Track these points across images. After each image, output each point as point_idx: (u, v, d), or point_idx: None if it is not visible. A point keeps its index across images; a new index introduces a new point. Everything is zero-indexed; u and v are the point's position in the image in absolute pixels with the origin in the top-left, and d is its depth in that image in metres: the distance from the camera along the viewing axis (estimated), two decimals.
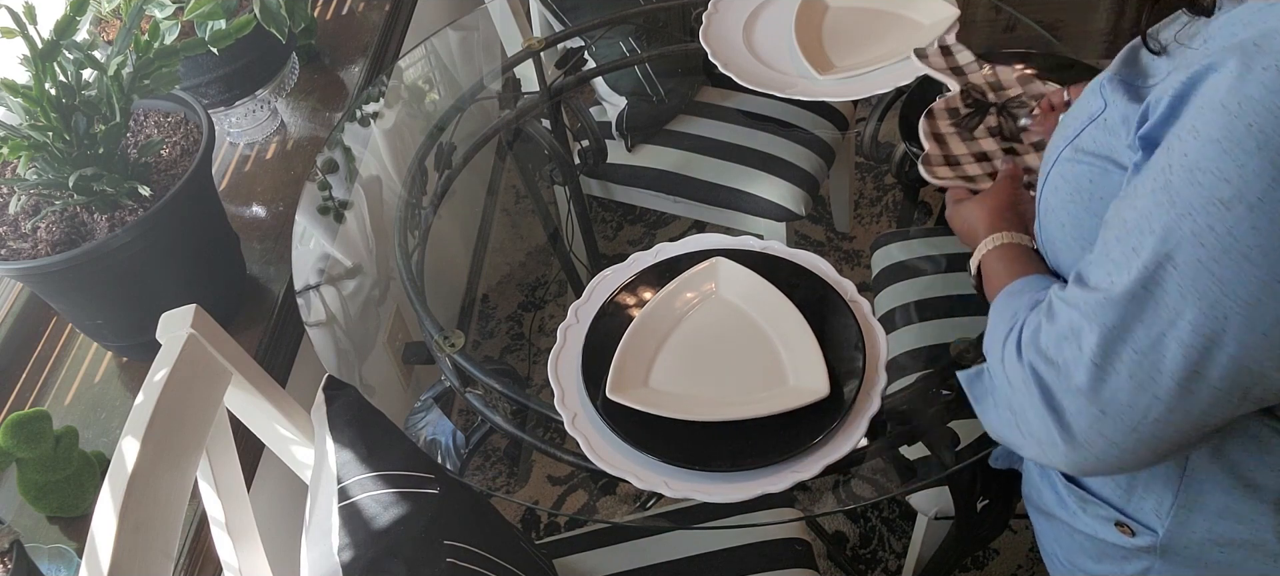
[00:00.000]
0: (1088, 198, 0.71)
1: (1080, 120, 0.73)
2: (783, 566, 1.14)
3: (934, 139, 1.01)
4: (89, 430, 1.08)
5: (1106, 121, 0.69)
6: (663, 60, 1.69)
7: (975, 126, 1.02)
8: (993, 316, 0.78)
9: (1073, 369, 0.65)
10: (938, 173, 0.97)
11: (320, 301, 1.22)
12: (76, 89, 0.97)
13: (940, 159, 0.99)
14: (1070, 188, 0.73)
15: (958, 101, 1.04)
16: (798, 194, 1.62)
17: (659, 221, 2.27)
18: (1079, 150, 0.72)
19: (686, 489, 0.86)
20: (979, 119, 1.02)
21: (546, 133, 1.54)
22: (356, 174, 1.40)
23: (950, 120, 1.03)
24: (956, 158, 0.99)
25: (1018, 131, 1.01)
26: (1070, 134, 0.74)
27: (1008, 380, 0.71)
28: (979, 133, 1.02)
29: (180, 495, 0.80)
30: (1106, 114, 0.70)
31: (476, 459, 1.83)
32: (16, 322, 1.18)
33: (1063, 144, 0.74)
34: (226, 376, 0.87)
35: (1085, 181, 0.71)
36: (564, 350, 0.98)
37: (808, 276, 1.02)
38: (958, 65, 1.10)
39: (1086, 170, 0.71)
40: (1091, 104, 0.72)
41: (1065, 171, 0.74)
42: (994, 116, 1.03)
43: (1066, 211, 0.74)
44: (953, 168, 0.98)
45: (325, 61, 1.59)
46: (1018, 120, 1.02)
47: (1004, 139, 1.01)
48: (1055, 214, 0.76)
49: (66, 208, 1.02)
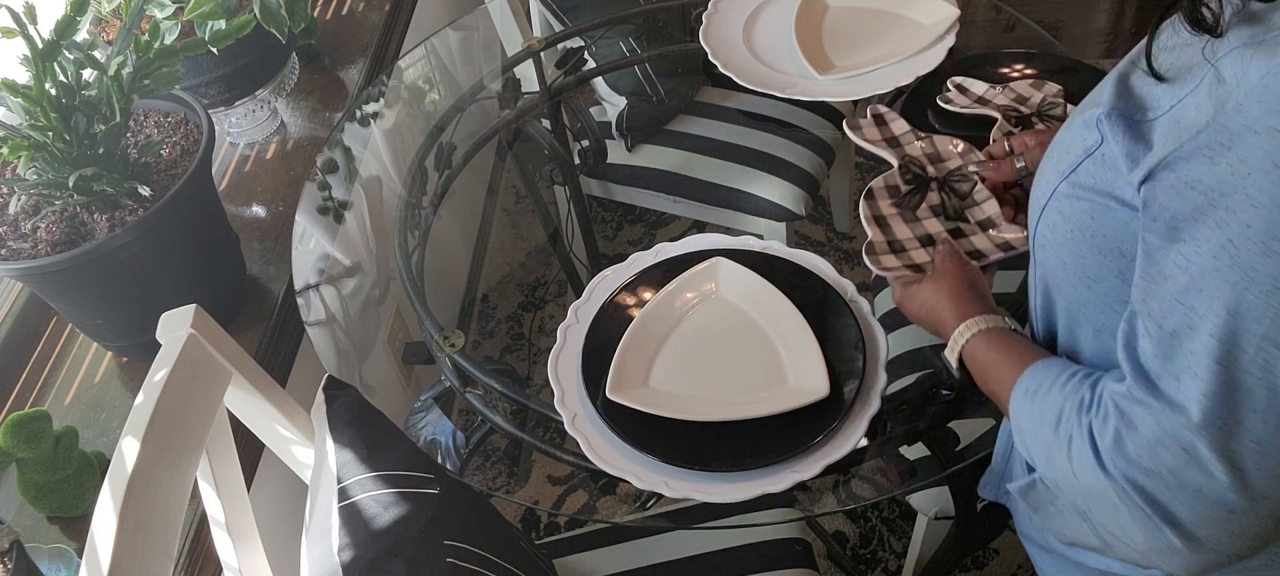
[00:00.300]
0: (1089, 234, 0.69)
1: (1074, 154, 0.70)
2: (783, 566, 1.14)
3: (876, 223, 0.96)
4: (89, 430, 1.08)
5: (1104, 156, 0.67)
6: (663, 60, 1.69)
7: (917, 205, 0.97)
8: (1023, 422, 0.73)
9: (1183, 473, 0.61)
10: (883, 262, 0.91)
11: (320, 301, 1.22)
12: (76, 89, 0.97)
13: (885, 246, 0.93)
14: (1070, 225, 0.71)
15: (897, 178, 0.99)
16: (798, 194, 1.62)
17: (659, 221, 2.27)
18: (1077, 186, 0.70)
19: (686, 489, 0.86)
20: (920, 197, 0.97)
21: (546, 133, 1.54)
22: (356, 174, 1.40)
23: (891, 199, 0.98)
24: (901, 243, 0.94)
25: (961, 209, 0.96)
26: (1064, 168, 0.71)
27: (1088, 494, 0.66)
28: (922, 213, 0.97)
29: (180, 495, 0.80)
30: (1104, 148, 0.67)
31: (476, 459, 1.83)
32: (16, 322, 1.18)
33: (1057, 178, 0.72)
34: (226, 376, 0.87)
35: (1086, 218, 0.69)
36: (564, 350, 0.98)
37: (808, 276, 1.02)
38: (893, 135, 1.04)
39: (1087, 206, 0.69)
40: (1086, 137, 0.69)
41: (1063, 207, 0.71)
42: (935, 193, 0.98)
43: (1067, 249, 0.72)
44: (898, 255, 0.93)
45: (325, 61, 1.59)
46: (961, 195, 0.96)
47: (948, 218, 0.95)
48: (1054, 250, 0.74)
49: (66, 208, 1.02)
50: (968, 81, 1.26)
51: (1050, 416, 0.70)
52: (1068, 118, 0.76)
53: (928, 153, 1.01)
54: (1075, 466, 0.66)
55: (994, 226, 0.94)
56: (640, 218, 2.28)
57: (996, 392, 0.78)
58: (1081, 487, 0.66)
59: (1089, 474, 0.65)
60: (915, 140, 1.02)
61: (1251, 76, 0.56)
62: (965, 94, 1.25)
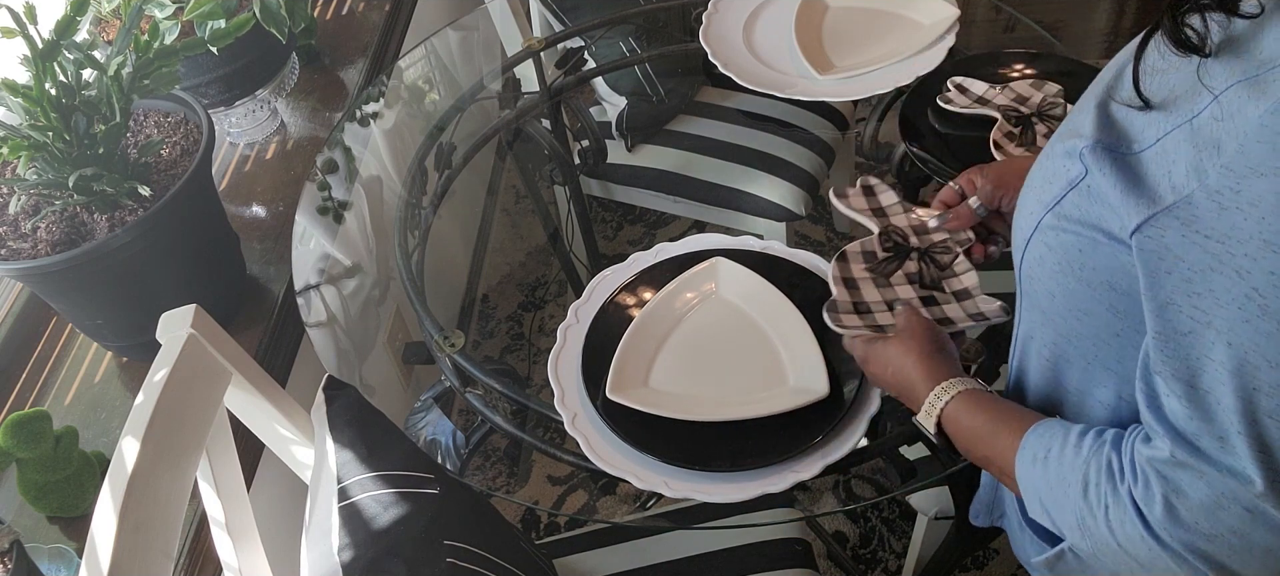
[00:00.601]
0: (1078, 267, 0.68)
1: (1057, 185, 0.68)
2: (783, 566, 1.14)
3: (844, 284, 0.92)
4: (89, 430, 1.08)
5: (1090, 189, 0.65)
6: (663, 60, 1.69)
7: (892, 271, 0.94)
8: (1039, 491, 0.71)
9: (1250, 533, 0.59)
10: (843, 321, 0.88)
11: (320, 301, 1.22)
12: (76, 89, 0.97)
13: (849, 305, 0.90)
14: (1057, 257, 0.69)
15: (875, 244, 0.96)
16: (798, 194, 1.62)
17: (659, 221, 2.27)
18: (1062, 218, 0.68)
19: (686, 489, 0.86)
20: (897, 264, 0.95)
21: (546, 133, 1.54)
22: (356, 174, 1.40)
23: (865, 264, 0.95)
24: (867, 304, 0.91)
25: (939, 279, 0.93)
26: (1048, 199, 0.69)
27: (1138, 563, 0.64)
28: (895, 279, 0.94)
29: (180, 495, 0.80)
30: (1089, 181, 0.65)
31: (476, 459, 1.83)
32: (16, 322, 1.18)
33: (1040, 210, 0.70)
34: (226, 376, 0.87)
35: (1074, 251, 0.68)
36: (564, 350, 0.98)
37: (808, 276, 1.02)
38: (880, 206, 1.02)
39: (1074, 239, 0.67)
40: (1069, 168, 0.67)
41: (1049, 240, 0.70)
42: (914, 262, 0.95)
43: (1055, 282, 0.71)
44: (861, 316, 0.90)
45: (325, 61, 1.59)
46: (941, 266, 0.94)
47: (923, 287, 0.93)
48: (1042, 284, 0.72)
49: (66, 208, 1.02)
50: (968, 81, 1.26)
51: (1074, 485, 0.67)
52: (1046, 145, 0.74)
53: (913, 225, 0.99)
54: (1119, 537, 0.64)
55: (970, 297, 0.92)
56: (640, 218, 2.28)
57: (989, 458, 0.75)
58: (1130, 557, 0.64)
59: (1139, 545, 0.63)
60: (902, 212, 1.00)
61: (1249, 116, 0.55)
62: (965, 94, 1.25)
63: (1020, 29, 1.55)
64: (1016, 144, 1.16)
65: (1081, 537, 0.67)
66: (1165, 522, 0.61)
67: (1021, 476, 0.72)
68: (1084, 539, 0.67)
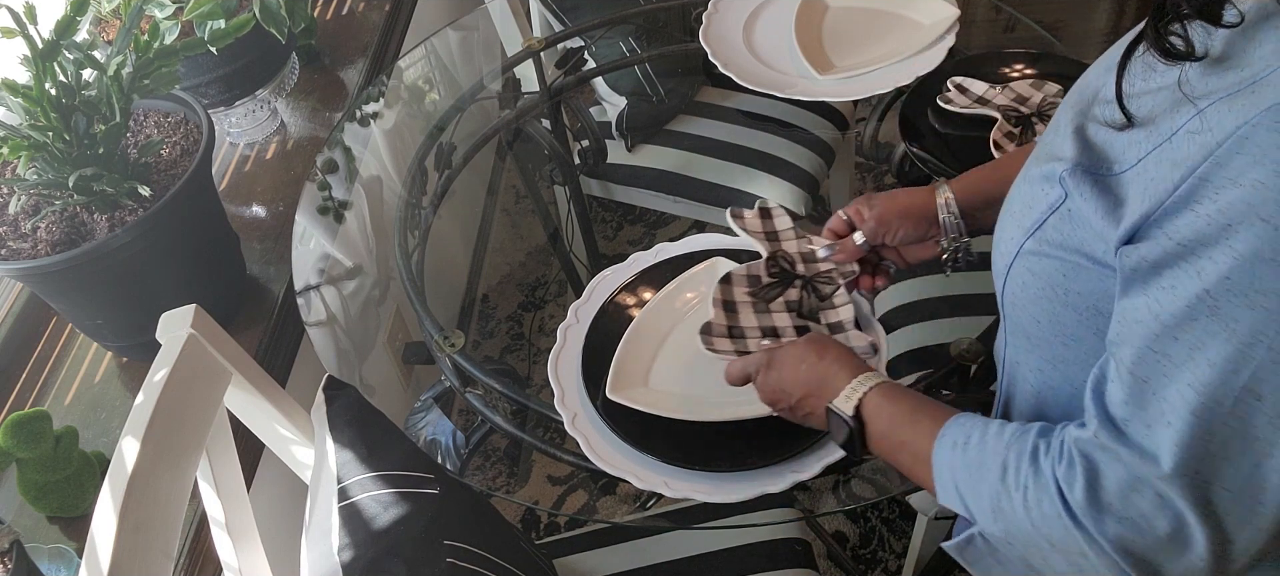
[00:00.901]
0: (1062, 292, 0.68)
1: (1038, 209, 0.68)
2: (783, 566, 1.14)
3: (723, 307, 0.92)
4: (89, 430, 1.08)
5: (1071, 213, 0.65)
6: (663, 60, 1.69)
7: (773, 298, 0.95)
8: (956, 475, 0.71)
9: (1155, 520, 0.59)
10: (716, 344, 0.88)
11: (320, 301, 1.22)
12: (76, 89, 0.97)
13: (723, 329, 0.90)
14: (1040, 282, 0.69)
15: (760, 269, 0.96)
16: (798, 194, 1.62)
17: (659, 221, 2.27)
18: (1044, 242, 0.68)
19: (686, 489, 0.86)
20: (779, 291, 0.95)
21: (546, 133, 1.54)
22: (356, 174, 1.40)
23: (748, 287, 0.95)
24: (742, 330, 0.91)
25: (817, 310, 0.94)
26: (1028, 224, 0.69)
27: (1051, 543, 0.64)
28: (775, 306, 0.94)
29: (180, 495, 0.80)
30: (1069, 204, 0.65)
31: (476, 459, 1.83)
32: (16, 322, 1.18)
33: (1021, 235, 0.70)
34: (226, 376, 0.87)
35: (1057, 276, 0.67)
36: (564, 350, 0.98)
37: None
38: (774, 230, 1.02)
39: (1057, 265, 0.67)
40: (1049, 193, 0.67)
41: (1032, 266, 0.69)
42: (796, 291, 0.95)
43: (1039, 308, 0.70)
44: (734, 340, 0.90)
45: (325, 61, 1.59)
46: (821, 297, 0.94)
47: (800, 316, 0.93)
48: (1026, 309, 0.72)
49: (66, 208, 1.02)
50: (968, 81, 1.26)
51: (992, 469, 0.67)
52: (1022, 170, 0.74)
53: (803, 252, 0.99)
54: (1034, 516, 0.64)
55: (843, 332, 0.92)
56: (640, 218, 2.28)
57: (905, 442, 0.75)
58: (1042, 537, 0.64)
59: (1054, 525, 0.63)
60: (795, 238, 1.00)
61: (1227, 129, 0.55)
62: (965, 94, 1.25)
63: (1020, 29, 1.55)
64: (1016, 144, 1.16)
65: (994, 521, 0.68)
66: (1084, 503, 0.62)
67: (938, 460, 0.72)
68: (996, 522, 0.67)
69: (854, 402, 0.77)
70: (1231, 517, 0.58)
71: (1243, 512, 0.58)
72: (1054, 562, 0.65)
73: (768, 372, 0.83)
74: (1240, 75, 0.56)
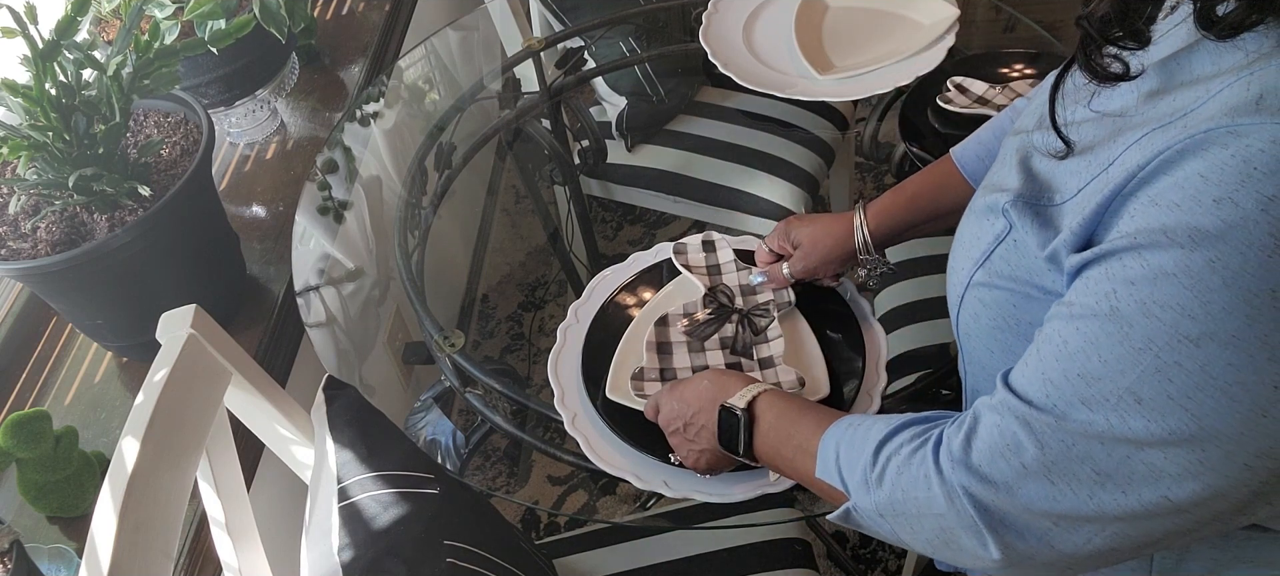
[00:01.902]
0: (1014, 322, 0.68)
1: (984, 242, 0.69)
2: (783, 566, 1.14)
3: (656, 350, 0.94)
4: (89, 430, 1.08)
5: (1017, 243, 0.66)
6: (663, 60, 1.69)
7: (708, 335, 0.96)
8: (838, 448, 0.71)
9: (1016, 486, 0.60)
10: (646, 389, 0.90)
11: (320, 301, 1.22)
12: (76, 89, 0.97)
13: (655, 373, 0.92)
14: (991, 314, 0.70)
15: (697, 307, 0.98)
16: (798, 194, 1.62)
17: (659, 221, 2.27)
18: (992, 274, 0.68)
19: (686, 489, 0.86)
20: (715, 327, 0.96)
21: (546, 133, 1.54)
22: (356, 174, 1.40)
23: (685, 326, 0.96)
24: (675, 370, 0.93)
25: (750, 345, 0.94)
26: (977, 256, 0.70)
27: (918, 507, 0.65)
28: (709, 344, 0.95)
29: (180, 495, 0.80)
30: (1014, 235, 0.66)
31: (476, 459, 1.83)
32: (16, 322, 1.18)
33: (970, 266, 0.71)
34: (226, 376, 0.87)
35: (1008, 307, 0.68)
36: (564, 350, 0.98)
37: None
38: (716, 263, 1.02)
39: (1006, 296, 0.68)
40: (994, 224, 0.68)
41: (983, 297, 0.70)
42: (732, 326, 0.96)
43: (992, 338, 0.71)
44: (666, 383, 0.91)
45: (325, 61, 1.59)
46: (756, 331, 0.95)
47: (733, 353, 0.94)
48: (980, 340, 0.72)
49: (66, 208, 1.02)
50: (968, 81, 1.26)
51: (869, 443, 0.68)
52: (971, 201, 0.75)
53: (743, 284, 1.00)
54: (903, 480, 0.65)
55: (772, 365, 0.92)
56: (640, 218, 2.28)
57: (792, 434, 0.75)
58: (906, 499, 0.65)
59: (919, 485, 0.64)
60: (736, 271, 1.01)
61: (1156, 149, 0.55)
62: (965, 94, 1.25)
63: (1020, 29, 1.55)
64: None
65: (864, 494, 0.68)
66: (956, 453, 0.62)
67: (823, 441, 0.72)
68: (865, 495, 0.68)
69: (748, 398, 0.78)
70: (1091, 500, 0.58)
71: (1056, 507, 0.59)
72: (920, 530, 0.65)
73: (670, 395, 0.85)
74: (1174, 104, 0.57)
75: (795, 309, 0.98)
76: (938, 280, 1.38)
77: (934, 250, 1.44)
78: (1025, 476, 0.59)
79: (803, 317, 0.97)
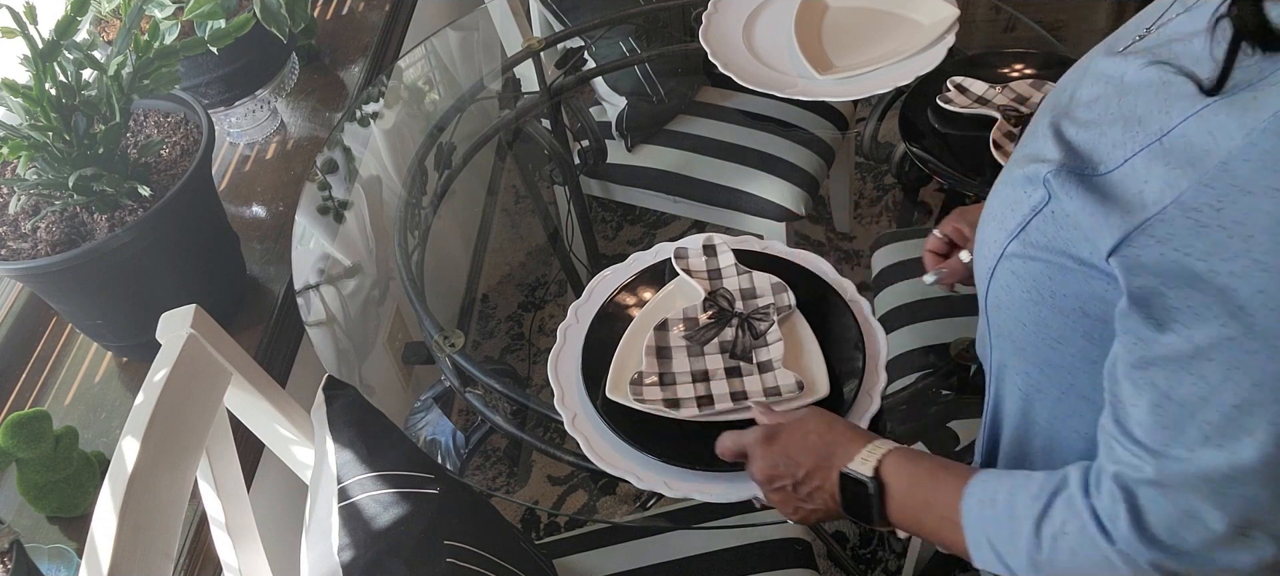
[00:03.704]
0: (1048, 294, 0.66)
1: (1020, 212, 0.67)
2: (783, 566, 1.14)
3: (655, 354, 0.93)
4: (89, 430, 1.08)
5: (1055, 214, 0.64)
6: (663, 60, 1.69)
7: (708, 340, 0.95)
8: (988, 532, 0.68)
9: (1208, 552, 0.59)
10: (645, 394, 0.89)
11: (320, 301, 1.22)
12: (76, 89, 0.97)
13: (655, 378, 0.91)
14: (1025, 285, 0.68)
15: (697, 311, 0.97)
16: (798, 194, 1.62)
17: (659, 221, 2.27)
18: (1028, 245, 0.66)
19: (686, 489, 0.86)
20: (715, 332, 0.95)
21: (546, 133, 1.54)
22: (356, 174, 1.40)
23: (685, 330, 0.95)
24: (674, 375, 0.91)
25: (750, 349, 0.93)
26: (1012, 226, 0.68)
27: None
28: (709, 348, 0.94)
29: (180, 495, 0.80)
30: (1053, 206, 0.64)
31: (476, 459, 1.83)
32: (16, 322, 1.18)
33: (1003, 237, 0.69)
34: (226, 376, 0.87)
35: (1043, 278, 0.66)
36: (564, 350, 0.98)
37: (808, 276, 1.02)
38: (717, 267, 1.02)
39: (1041, 267, 0.66)
40: (1031, 194, 0.66)
41: (1017, 269, 0.68)
42: (732, 330, 0.95)
43: (1025, 310, 0.69)
44: (665, 387, 0.90)
45: (325, 61, 1.59)
46: (756, 334, 0.94)
47: (732, 357, 0.93)
48: (1011, 312, 0.71)
49: (66, 208, 1.02)
50: (968, 81, 1.26)
51: (1026, 520, 0.66)
52: (1002, 174, 0.73)
53: (743, 288, 0.99)
54: (1081, 560, 0.63)
55: (771, 369, 0.92)
56: (640, 218, 2.28)
57: (930, 503, 0.73)
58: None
59: (1102, 567, 0.62)
60: (736, 275, 1.01)
61: (1233, 135, 0.54)
62: (965, 94, 1.25)
63: (1020, 29, 1.55)
64: (1016, 144, 1.16)
65: (1033, 573, 0.66)
66: (1131, 538, 0.61)
67: (968, 519, 0.70)
68: (1036, 573, 0.66)
69: (872, 464, 0.74)
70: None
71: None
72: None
73: (766, 447, 0.80)
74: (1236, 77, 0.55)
75: (795, 310, 0.98)
76: None
77: None
78: (1215, 543, 0.58)
79: (803, 318, 0.97)
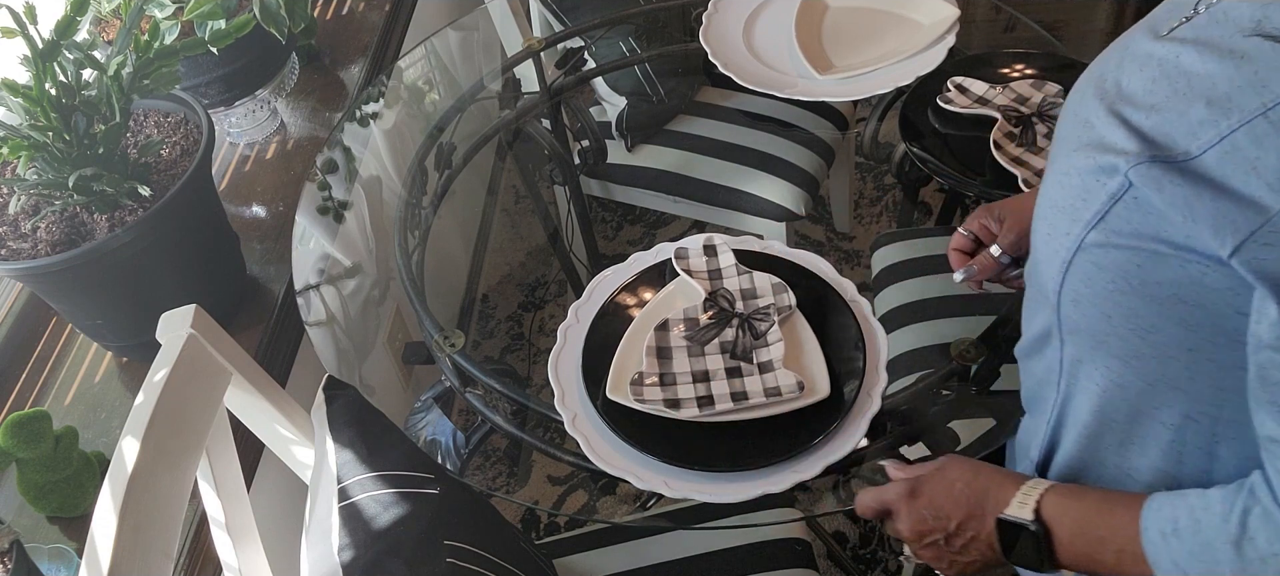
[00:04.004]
0: (1138, 283, 0.63)
1: (1097, 201, 0.64)
2: (783, 566, 1.14)
3: (656, 355, 0.93)
4: (89, 430, 1.08)
5: (1138, 200, 0.61)
6: (663, 60, 1.69)
7: (708, 340, 0.95)
8: (1180, 564, 0.65)
9: None
10: (646, 394, 0.89)
11: (320, 301, 1.22)
12: (76, 89, 0.97)
13: (655, 378, 0.91)
14: (1111, 277, 0.65)
15: (698, 311, 0.97)
16: (798, 194, 1.62)
17: (659, 221, 2.27)
18: (1111, 233, 0.63)
19: (686, 489, 0.86)
20: (715, 332, 0.95)
21: (546, 133, 1.54)
22: (356, 174, 1.40)
23: (685, 331, 0.95)
24: (674, 376, 0.92)
25: (750, 349, 0.93)
26: (1089, 217, 0.65)
27: None
28: (709, 349, 0.94)
29: (180, 495, 0.80)
30: (1135, 193, 0.61)
31: (476, 459, 1.83)
32: (16, 322, 1.18)
33: (1080, 229, 0.66)
34: (226, 376, 0.87)
35: (1131, 267, 0.63)
36: (564, 350, 0.98)
37: (808, 276, 1.02)
38: (717, 267, 1.02)
39: (1129, 255, 0.63)
40: (1107, 183, 0.63)
41: (1099, 260, 0.65)
42: (732, 330, 0.95)
43: (1112, 303, 0.66)
44: (665, 387, 0.90)
45: (325, 61, 1.59)
46: (756, 334, 0.94)
47: (733, 357, 0.93)
48: (1096, 305, 0.67)
49: (66, 208, 1.02)
50: (968, 81, 1.26)
51: (1222, 545, 0.63)
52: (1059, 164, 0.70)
53: (744, 288, 0.99)
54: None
55: (771, 370, 0.92)
56: (640, 218, 2.28)
57: (1106, 539, 0.69)
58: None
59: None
60: (737, 275, 1.01)
61: None
62: (965, 94, 1.25)
63: (1020, 29, 1.55)
64: (1017, 144, 1.16)
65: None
66: None
67: (1153, 552, 0.66)
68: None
69: (1031, 506, 0.71)
70: None
71: None
72: None
73: (913, 502, 0.78)
74: None
75: (796, 310, 0.98)
76: (938, 280, 1.38)
77: (933, 250, 1.45)
78: None
79: (803, 318, 0.97)
